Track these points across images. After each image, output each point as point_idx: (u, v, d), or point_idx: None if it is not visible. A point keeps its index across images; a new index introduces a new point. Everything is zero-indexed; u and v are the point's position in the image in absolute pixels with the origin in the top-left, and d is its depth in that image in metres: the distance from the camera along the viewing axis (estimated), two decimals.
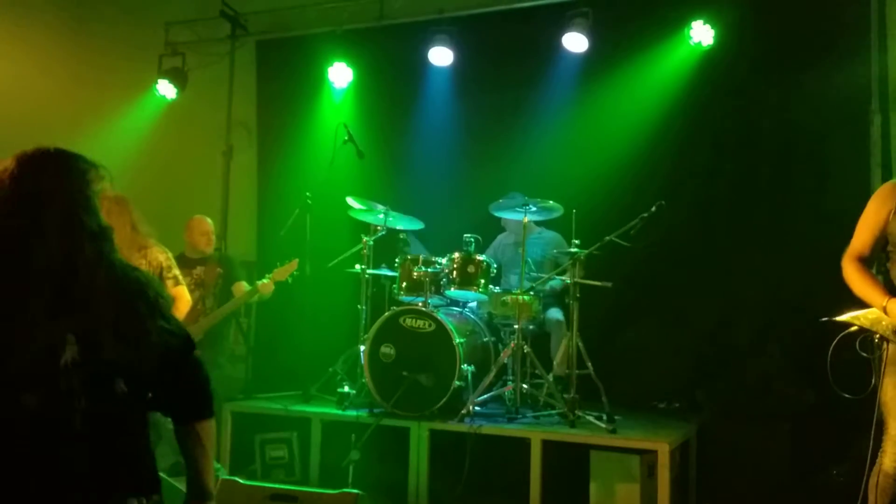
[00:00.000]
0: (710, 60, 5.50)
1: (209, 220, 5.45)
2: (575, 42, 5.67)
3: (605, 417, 4.57)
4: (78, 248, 1.89)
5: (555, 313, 5.29)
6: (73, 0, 7.66)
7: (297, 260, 5.14)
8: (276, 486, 3.64)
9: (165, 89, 6.89)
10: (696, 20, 5.46)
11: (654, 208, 4.65)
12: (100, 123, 7.14)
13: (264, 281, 5.06)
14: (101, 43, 7.49)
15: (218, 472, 3.65)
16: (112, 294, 1.90)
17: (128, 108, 7.23)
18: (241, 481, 3.48)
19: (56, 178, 1.96)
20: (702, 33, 5.47)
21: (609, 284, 4.78)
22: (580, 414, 4.64)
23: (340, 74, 6.45)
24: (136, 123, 7.21)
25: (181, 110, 7.04)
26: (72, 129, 7.17)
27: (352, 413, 4.86)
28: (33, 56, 6.93)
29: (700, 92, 5.51)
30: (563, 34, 5.66)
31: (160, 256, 4.39)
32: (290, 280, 5.09)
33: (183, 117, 7.08)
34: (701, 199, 5.49)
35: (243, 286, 5.21)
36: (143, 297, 1.97)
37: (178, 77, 6.89)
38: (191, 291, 5.59)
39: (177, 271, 4.48)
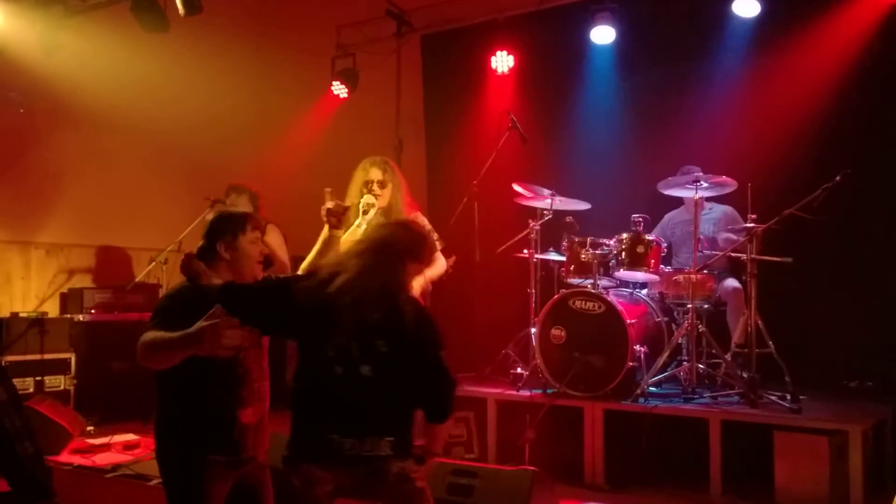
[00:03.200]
0: None
1: None
2: (746, 6, 5.42)
3: (788, 397, 4.39)
4: None
5: (731, 282, 5.11)
6: (253, 16, 8.30)
7: None
8: (457, 462, 3.82)
9: (339, 89, 7.29)
10: None
11: (838, 178, 4.39)
12: (281, 127, 7.70)
13: None
14: (278, 51, 8.08)
15: None
16: None
17: (306, 110, 7.71)
18: None
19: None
20: None
21: (790, 260, 4.58)
22: (762, 394, 4.49)
23: (502, 62, 6.54)
24: (313, 124, 7.68)
25: (353, 108, 7.42)
26: (256, 134, 7.81)
27: (525, 393, 4.96)
28: (222, 71, 7.59)
29: (888, 50, 5.09)
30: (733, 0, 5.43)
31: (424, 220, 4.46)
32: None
33: (355, 115, 7.46)
34: (890, 165, 5.08)
35: None
36: None
37: (349, 77, 7.27)
38: None
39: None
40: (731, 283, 5.12)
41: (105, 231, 6.98)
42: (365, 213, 4.15)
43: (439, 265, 4.32)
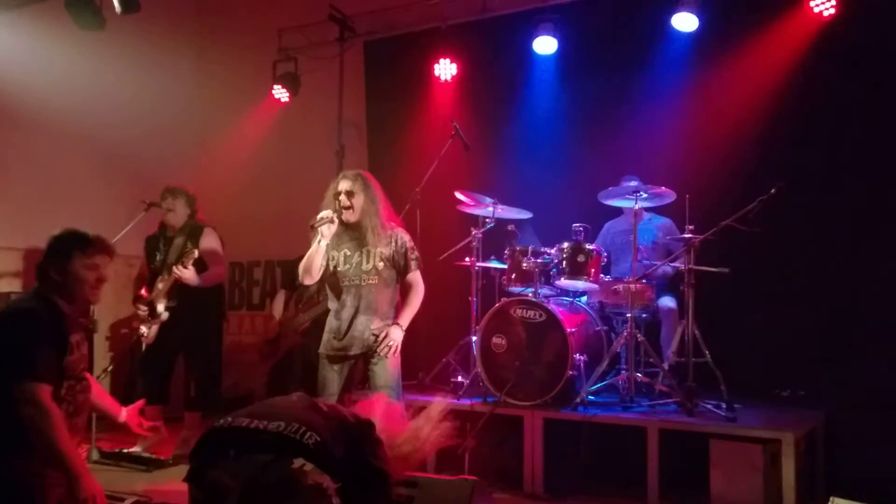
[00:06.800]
0: (832, 32, 5.20)
1: None
2: (685, 21, 5.53)
3: (724, 406, 4.46)
4: None
5: (667, 301, 5.19)
6: (192, 16, 8.13)
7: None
8: None
9: (280, 93, 7.19)
10: None
11: (773, 190, 4.49)
12: (222, 130, 7.56)
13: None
14: (218, 53, 7.95)
15: None
16: None
17: (246, 113, 7.58)
18: None
19: None
20: (823, 2, 5.20)
21: (726, 271, 4.67)
22: (698, 403, 4.55)
23: (446, 69, 6.54)
24: (253, 127, 7.56)
25: (295, 113, 7.34)
26: (198, 136, 7.64)
27: (466, 402, 4.94)
28: (161, 72, 7.42)
29: (821, 67, 5.23)
30: (672, 14, 5.52)
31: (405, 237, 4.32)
32: None
33: (297, 119, 7.38)
34: (823, 178, 5.22)
35: None
36: None
37: (291, 81, 7.18)
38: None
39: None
40: (667, 302, 5.19)
41: (35, 233, 6.59)
42: (321, 226, 4.06)
43: (420, 291, 4.26)
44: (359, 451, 2.50)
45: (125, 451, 5.20)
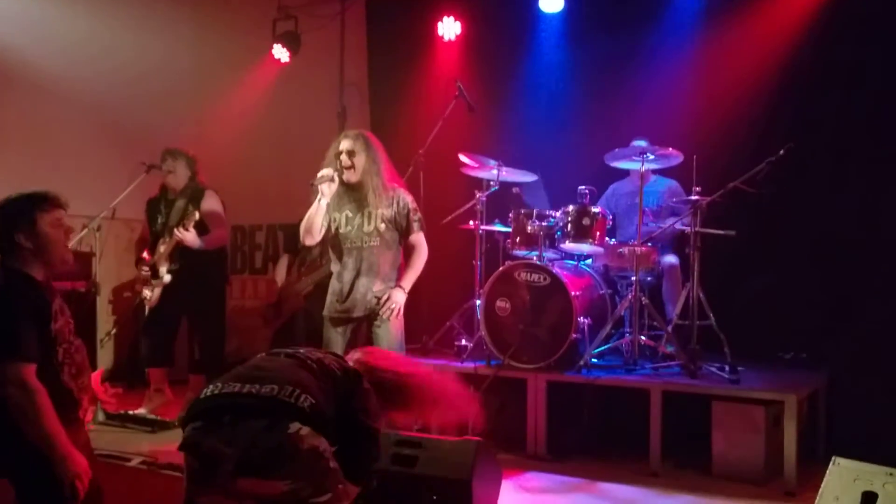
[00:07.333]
0: None
1: None
2: None
3: (727, 368, 4.47)
4: None
5: (670, 258, 5.17)
6: None
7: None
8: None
9: (280, 53, 7.09)
10: None
11: (781, 151, 4.44)
12: (220, 92, 7.47)
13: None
14: (217, 12, 7.79)
15: None
16: None
17: (246, 74, 7.49)
18: None
19: None
20: None
21: (733, 233, 4.64)
22: (701, 365, 4.56)
23: (449, 28, 6.43)
24: (253, 88, 7.47)
25: (296, 73, 7.24)
26: (195, 98, 7.56)
27: (470, 365, 4.95)
28: (159, 34, 7.30)
29: (833, 26, 5.12)
30: None
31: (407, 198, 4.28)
32: None
33: (298, 80, 7.28)
34: (833, 140, 5.15)
35: None
36: None
37: (291, 40, 7.07)
38: (312, 247, 5.83)
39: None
40: (669, 259, 5.17)
41: None
42: (321, 184, 4.03)
43: (423, 253, 4.23)
44: (348, 408, 2.48)
45: (130, 412, 5.23)
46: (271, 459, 2.22)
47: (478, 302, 5.07)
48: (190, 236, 5.23)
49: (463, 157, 5.31)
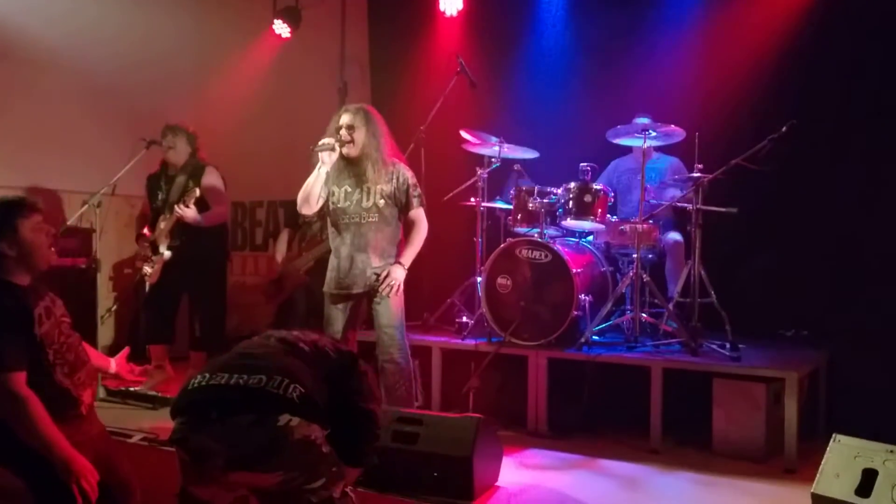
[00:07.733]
0: None
1: None
2: None
3: (728, 346, 4.47)
4: None
5: (672, 235, 5.15)
6: None
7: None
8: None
9: (280, 28, 7.02)
10: None
11: (784, 129, 4.41)
12: (222, 65, 7.41)
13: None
14: None
15: None
16: None
17: (246, 49, 7.43)
18: None
19: None
20: None
21: (735, 210, 4.62)
22: (702, 343, 4.56)
23: (451, 3, 6.35)
24: (254, 64, 7.41)
25: (296, 48, 7.17)
26: (195, 74, 7.51)
27: (471, 342, 4.95)
28: (159, 7, 7.22)
29: (837, 2, 5.08)
30: None
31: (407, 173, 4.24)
32: None
33: (298, 55, 7.22)
34: (835, 117, 5.11)
35: None
36: None
37: (292, 15, 7.01)
38: (313, 223, 5.81)
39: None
40: (673, 235, 5.16)
41: (35, 172, 6.60)
42: (322, 151, 3.99)
43: (422, 229, 4.19)
44: (343, 392, 2.47)
45: (131, 389, 5.25)
46: (262, 453, 2.21)
47: (479, 279, 5.07)
48: (190, 213, 5.22)
49: (464, 134, 5.28)
